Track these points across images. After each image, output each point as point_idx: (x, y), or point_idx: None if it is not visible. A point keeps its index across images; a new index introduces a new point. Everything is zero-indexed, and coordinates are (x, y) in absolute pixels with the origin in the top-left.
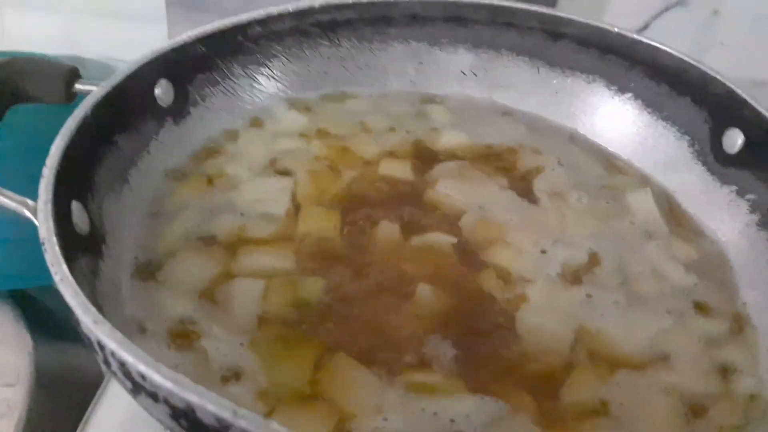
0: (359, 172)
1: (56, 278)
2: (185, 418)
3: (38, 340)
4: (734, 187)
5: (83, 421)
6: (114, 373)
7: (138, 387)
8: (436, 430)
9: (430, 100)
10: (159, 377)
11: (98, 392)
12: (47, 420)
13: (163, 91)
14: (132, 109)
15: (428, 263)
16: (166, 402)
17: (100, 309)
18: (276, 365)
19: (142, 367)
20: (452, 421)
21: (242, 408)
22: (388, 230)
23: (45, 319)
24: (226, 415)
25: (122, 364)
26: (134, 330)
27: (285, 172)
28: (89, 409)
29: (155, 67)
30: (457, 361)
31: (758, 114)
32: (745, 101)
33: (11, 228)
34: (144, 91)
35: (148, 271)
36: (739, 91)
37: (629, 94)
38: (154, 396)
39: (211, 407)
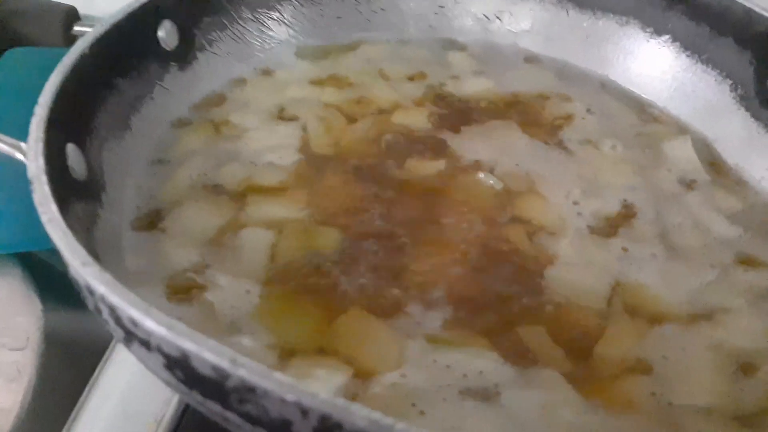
0: (374, 121)
1: (43, 218)
2: (180, 368)
3: (47, 304)
4: None
5: (89, 384)
6: (105, 321)
7: (130, 335)
8: (460, 386)
9: (451, 46)
10: (151, 322)
11: (105, 355)
12: (57, 383)
13: (167, 34)
14: (133, 51)
15: (456, 211)
16: (160, 350)
17: (96, 258)
18: (286, 320)
19: (133, 312)
20: (480, 373)
21: (242, 356)
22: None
23: (55, 282)
24: (224, 363)
25: (112, 310)
26: (135, 282)
27: (295, 120)
28: (96, 372)
29: (158, 7)
30: (480, 317)
31: None
32: None
33: (17, 188)
34: (146, 32)
35: (151, 220)
36: None
37: (666, 36)
38: (146, 344)
39: (207, 355)
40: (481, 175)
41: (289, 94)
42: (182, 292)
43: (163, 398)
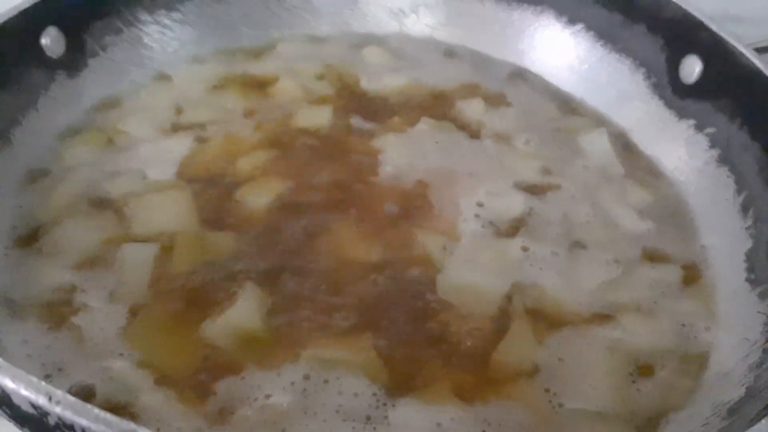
0: (279, 124)
1: None
2: (6, 405)
3: None
4: (693, 121)
5: None
6: None
7: None
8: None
9: (367, 42)
10: None
11: None
12: None
13: (51, 41)
14: (12, 60)
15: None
16: None
17: None
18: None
19: None
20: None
21: (60, 393)
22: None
23: None
24: (41, 400)
25: None
26: (4, 305)
27: (194, 127)
28: None
29: (40, 12)
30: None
31: (716, 37)
32: (702, 24)
33: None
34: (26, 40)
35: (27, 239)
36: (696, 13)
37: (580, 25)
38: None
39: (24, 392)
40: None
41: (187, 101)
42: (53, 315)
43: None
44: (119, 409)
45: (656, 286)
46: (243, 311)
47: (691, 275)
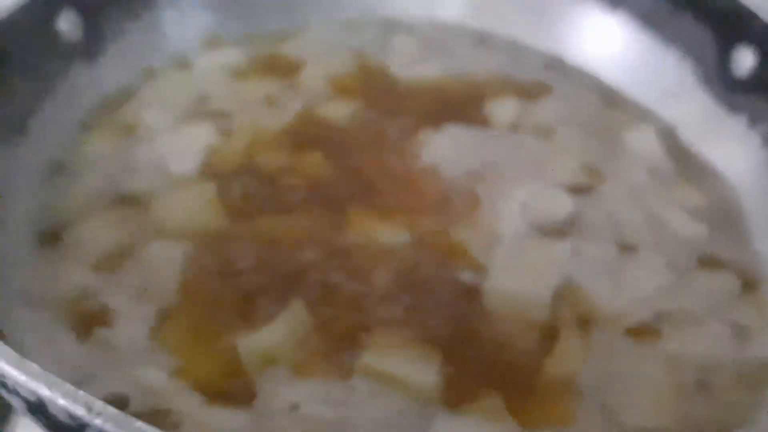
0: (305, 114)
1: None
2: (41, 413)
3: None
4: (744, 117)
5: None
6: None
7: None
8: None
9: (394, 28)
10: (2, 364)
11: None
12: None
13: (69, 25)
14: (29, 45)
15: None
16: (18, 394)
17: None
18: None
19: None
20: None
21: (100, 403)
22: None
23: None
24: (80, 411)
25: None
26: (25, 305)
27: (216, 116)
28: None
29: None
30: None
31: None
32: (754, 14)
33: None
34: (43, 24)
35: (49, 237)
36: (747, 3)
37: (623, 12)
38: (5, 386)
39: (62, 402)
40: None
41: (207, 89)
42: (80, 318)
43: None
44: (155, 417)
45: (712, 293)
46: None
47: (748, 283)
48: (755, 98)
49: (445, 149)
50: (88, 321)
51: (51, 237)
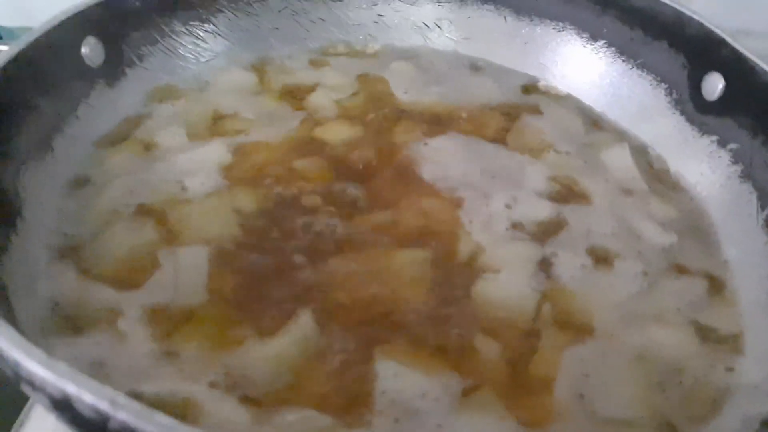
0: (313, 135)
1: None
2: (66, 409)
3: None
4: (715, 137)
5: None
6: None
7: (17, 375)
8: None
9: (392, 54)
10: (32, 363)
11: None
12: None
13: (91, 50)
14: (54, 69)
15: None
16: (44, 391)
17: (4, 288)
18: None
19: (14, 352)
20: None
21: (123, 397)
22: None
23: None
24: (104, 405)
25: None
26: (48, 312)
27: (231, 135)
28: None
29: (80, 23)
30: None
31: (738, 55)
32: (723, 41)
33: None
34: (68, 49)
35: (71, 247)
36: (717, 31)
37: (602, 42)
38: (32, 384)
39: (87, 397)
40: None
41: (222, 110)
42: (103, 320)
43: None
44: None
45: (682, 297)
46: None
47: (716, 288)
48: (725, 120)
49: (440, 163)
50: (108, 324)
51: (72, 248)
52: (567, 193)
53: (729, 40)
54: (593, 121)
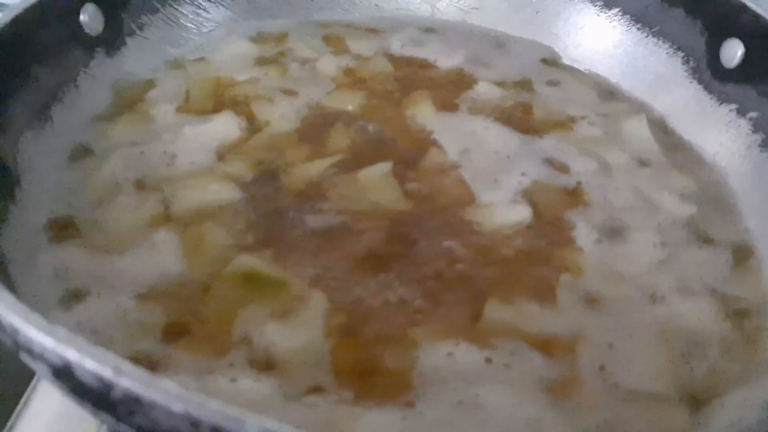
0: (319, 105)
1: None
2: (67, 378)
3: None
4: (734, 106)
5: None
6: None
7: (15, 343)
8: None
9: (399, 25)
10: (31, 329)
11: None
12: None
13: (90, 18)
14: (52, 37)
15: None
16: (44, 359)
17: (3, 257)
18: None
19: (12, 318)
20: None
21: (127, 364)
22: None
23: None
24: (107, 373)
25: None
26: (48, 283)
27: (233, 107)
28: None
29: None
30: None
31: (759, 19)
32: (744, 6)
33: None
34: (66, 17)
35: (72, 218)
36: None
37: (616, 10)
38: (31, 352)
39: (89, 364)
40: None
41: (225, 81)
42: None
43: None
44: None
45: (704, 267)
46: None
47: (739, 257)
48: (744, 88)
49: (450, 135)
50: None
51: (72, 220)
52: (583, 166)
53: (750, 5)
54: (609, 92)
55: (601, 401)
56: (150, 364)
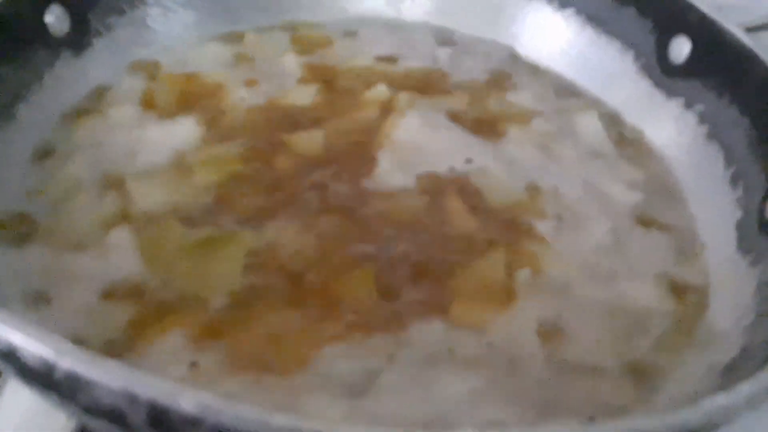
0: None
1: None
2: (12, 362)
3: None
4: (681, 99)
5: None
6: None
7: None
8: None
9: (363, 26)
10: None
11: None
12: None
13: (56, 19)
14: (17, 37)
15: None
16: None
17: None
18: None
19: None
20: None
21: (66, 343)
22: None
23: None
24: (48, 353)
25: None
26: (7, 276)
27: (198, 106)
28: None
29: None
30: None
31: (704, 17)
32: (690, 5)
33: None
34: (30, 17)
35: (34, 217)
36: None
37: (571, 9)
38: None
39: (32, 346)
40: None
41: (192, 80)
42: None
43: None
44: None
45: (650, 251)
46: None
47: (683, 242)
48: (691, 82)
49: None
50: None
51: (31, 220)
52: (537, 164)
53: (696, 4)
54: (564, 89)
55: (545, 375)
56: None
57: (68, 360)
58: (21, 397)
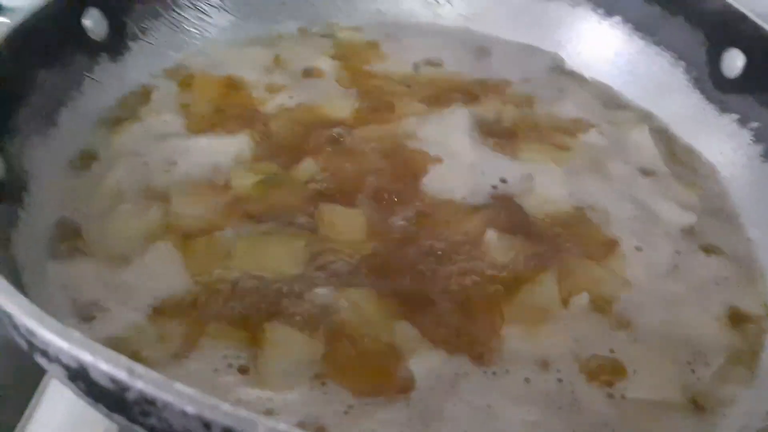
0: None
1: None
2: (82, 379)
3: None
4: (736, 116)
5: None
6: (9, 331)
7: (31, 345)
8: None
9: (400, 31)
10: (46, 332)
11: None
12: None
13: (94, 23)
14: (57, 42)
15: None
16: (59, 361)
17: (13, 260)
18: None
19: (28, 321)
20: None
21: (141, 367)
22: None
23: None
24: (122, 375)
25: (10, 318)
26: (56, 287)
27: (237, 112)
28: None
29: None
30: None
31: (760, 30)
32: (744, 16)
33: None
34: (69, 22)
35: (78, 225)
36: (737, 5)
37: (618, 17)
38: (46, 355)
39: (104, 366)
40: None
41: (229, 84)
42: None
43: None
44: None
45: (709, 277)
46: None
47: (740, 268)
48: (746, 98)
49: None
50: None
51: (77, 227)
52: (585, 178)
53: (750, 15)
54: (611, 100)
55: (604, 408)
56: None
57: (142, 382)
58: (63, 396)
